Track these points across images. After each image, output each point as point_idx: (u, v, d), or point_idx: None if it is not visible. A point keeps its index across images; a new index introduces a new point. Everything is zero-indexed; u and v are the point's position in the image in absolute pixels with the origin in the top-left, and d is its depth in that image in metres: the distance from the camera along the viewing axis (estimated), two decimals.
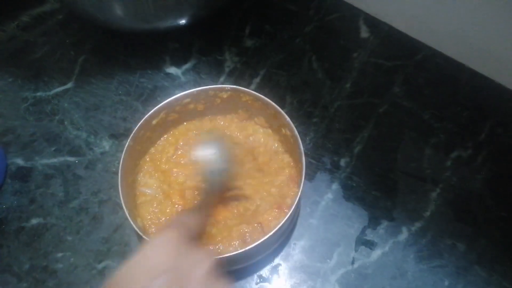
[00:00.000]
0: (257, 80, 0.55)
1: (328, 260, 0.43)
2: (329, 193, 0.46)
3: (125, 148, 0.41)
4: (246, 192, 0.43)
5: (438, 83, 0.54)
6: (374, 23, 0.59)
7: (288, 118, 0.42)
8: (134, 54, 0.57)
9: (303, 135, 0.50)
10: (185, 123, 0.48)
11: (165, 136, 0.47)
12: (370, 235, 0.44)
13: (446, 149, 0.49)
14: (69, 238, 0.45)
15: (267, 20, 0.60)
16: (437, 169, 0.48)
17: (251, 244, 0.36)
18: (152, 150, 0.46)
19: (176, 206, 0.42)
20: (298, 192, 0.39)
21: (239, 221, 0.41)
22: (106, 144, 0.50)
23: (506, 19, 0.47)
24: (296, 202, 0.38)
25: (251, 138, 0.46)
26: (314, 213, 0.45)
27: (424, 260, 0.43)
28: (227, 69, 0.56)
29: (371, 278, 0.42)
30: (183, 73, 0.56)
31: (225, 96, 0.45)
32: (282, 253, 0.43)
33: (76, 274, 0.42)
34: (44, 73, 0.56)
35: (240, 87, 0.44)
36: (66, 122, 0.52)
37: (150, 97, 0.54)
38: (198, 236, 0.34)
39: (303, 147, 0.40)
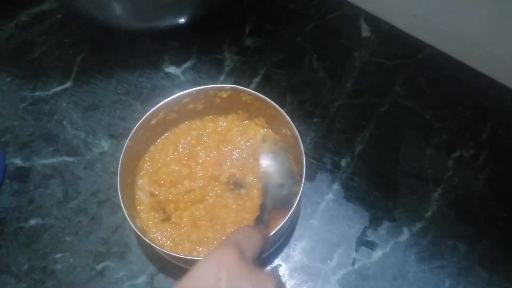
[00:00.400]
0: (257, 79, 0.54)
1: (328, 261, 0.42)
2: (330, 194, 0.46)
3: (124, 148, 0.41)
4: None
5: (440, 82, 0.53)
6: (375, 22, 0.58)
7: (288, 118, 0.41)
8: (133, 53, 0.57)
9: (303, 135, 0.49)
10: (186, 122, 0.47)
11: (166, 134, 0.47)
12: (371, 236, 0.44)
13: (448, 149, 0.49)
14: (68, 238, 0.44)
15: (267, 19, 0.59)
16: (438, 169, 0.47)
17: None
18: (152, 148, 0.46)
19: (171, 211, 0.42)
20: (298, 192, 0.39)
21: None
22: (105, 144, 0.50)
23: (508, 19, 0.47)
24: (296, 202, 0.38)
25: (251, 140, 0.46)
26: (314, 213, 0.45)
27: (425, 260, 0.42)
28: (227, 69, 0.55)
29: (372, 278, 0.42)
30: (183, 73, 0.55)
31: (224, 95, 0.45)
32: (282, 254, 0.43)
33: (75, 275, 0.42)
34: (43, 72, 0.56)
35: (240, 87, 0.44)
36: (64, 122, 0.52)
37: (149, 96, 0.53)
38: (256, 257, 0.29)
39: (304, 147, 0.40)
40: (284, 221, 0.37)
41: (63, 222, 0.45)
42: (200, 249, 0.40)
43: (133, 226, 0.37)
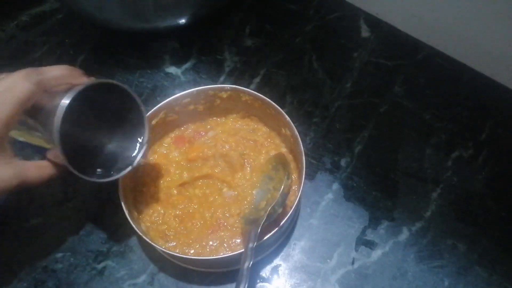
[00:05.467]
0: (257, 79, 0.55)
1: (328, 260, 0.43)
2: (330, 193, 0.46)
3: None
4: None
5: (439, 83, 0.54)
6: (374, 23, 0.59)
7: (288, 118, 0.42)
8: (134, 54, 0.57)
9: (303, 135, 0.50)
10: (187, 124, 0.47)
11: (166, 137, 0.47)
12: (370, 235, 0.44)
13: (447, 149, 0.49)
14: (69, 238, 0.44)
15: (267, 19, 0.60)
16: (437, 169, 0.47)
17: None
18: (154, 149, 0.46)
19: (170, 211, 0.42)
20: (298, 192, 0.39)
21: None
22: None
23: (507, 19, 0.47)
24: (296, 202, 0.38)
25: (251, 139, 0.46)
26: (314, 213, 0.45)
27: (424, 260, 0.43)
28: (227, 69, 0.56)
29: (371, 278, 0.42)
30: (183, 73, 0.56)
31: (224, 96, 0.45)
32: (282, 253, 0.43)
33: (76, 274, 0.42)
34: None
35: (240, 87, 0.44)
36: None
37: (149, 96, 0.54)
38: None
39: (303, 147, 0.40)
40: (284, 221, 0.37)
41: (63, 222, 0.45)
42: (201, 249, 0.40)
43: (133, 226, 0.37)
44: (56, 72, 0.34)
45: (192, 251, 0.40)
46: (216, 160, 0.44)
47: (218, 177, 0.44)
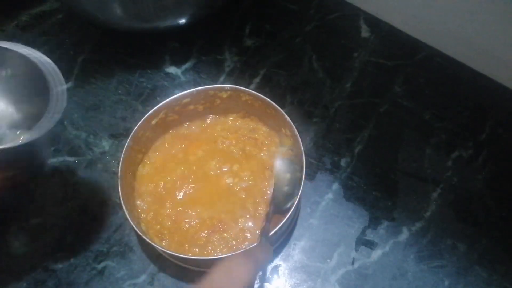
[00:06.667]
0: (257, 80, 0.55)
1: (328, 260, 0.43)
2: (330, 193, 0.46)
3: (124, 148, 0.41)
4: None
5: (439, 82, 0.54)
6: (374, 23, 0.59)
7: (288, 118, 0.42)
8: (134, 54, 0.57)
9: (303, 135, 0.49)
10: (187, 123, 0.47)
11: (166, 135, 0.47)
12: (370, 235, 0.44)
13: (447, 149, 0.49)
14: (69, 238, 0.44)
15: (267, 19, 0.60)
16: (437, 169, 0.47)
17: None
18: (154, 148, 0.46)
19: (169, 210, 0.42)
20: (298, 192, 0.39)
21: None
22: (105, 144, 0.50)
23: (507, 19, 0.47)
24: (296, 202, 0.38)
25: (251, 137, 0.46)
26: (314, 213, 0.45)
27: (424, 260, 0.43)
28: (227, 69, 0.56)
29: (372, 278, 0.42)
30: (183, 73, 0.56)
31: (224, 96, 0.45)
32: (282, 253, 0.43)
33: (76, 274, 0.42)
34: None
35: (240, 87, 0.44)
36: (65, 122, 0.52)
37: (150, 96, 0.54)
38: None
39: (303, 147, 0.40)
40: (283, 221, 0.37)
41: (64, 222, 0.45)
42: (197, 249, 0.40)
43: (133, 226, 0.37)
44: None
45: (187, 251, 0.40)
46: (216, 157, 0.44)
47: (219, 174, 0.44)
